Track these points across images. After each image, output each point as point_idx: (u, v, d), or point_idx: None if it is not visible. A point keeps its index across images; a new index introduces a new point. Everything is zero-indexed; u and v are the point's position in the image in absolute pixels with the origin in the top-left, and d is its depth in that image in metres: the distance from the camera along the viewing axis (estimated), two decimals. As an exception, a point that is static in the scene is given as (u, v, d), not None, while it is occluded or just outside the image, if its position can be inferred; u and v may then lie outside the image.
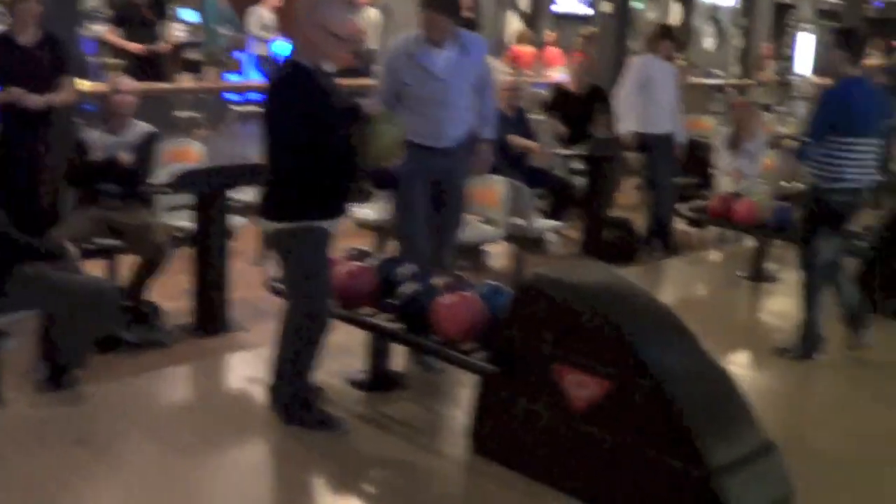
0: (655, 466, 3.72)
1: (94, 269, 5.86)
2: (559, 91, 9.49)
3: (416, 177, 5.49)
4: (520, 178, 8.14)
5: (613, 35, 10.55)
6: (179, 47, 11.84)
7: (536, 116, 9.52)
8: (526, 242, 7.22)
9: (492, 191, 6.90)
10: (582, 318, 3.95)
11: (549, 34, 16.26)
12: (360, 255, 5.22)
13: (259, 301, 5.96)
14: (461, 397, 4.85)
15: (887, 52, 17.78)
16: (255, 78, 12.91)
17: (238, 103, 12.16)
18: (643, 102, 8.37)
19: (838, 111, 5.62)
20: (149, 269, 5.82)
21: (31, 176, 6.46)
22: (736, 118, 9.07)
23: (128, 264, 5.98)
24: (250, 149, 6.80)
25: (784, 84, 17.64)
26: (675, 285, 8.27)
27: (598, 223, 8.45)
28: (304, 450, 4.44)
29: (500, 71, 14.11)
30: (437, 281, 4.80)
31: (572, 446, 4.00)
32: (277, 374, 4.56)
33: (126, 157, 5.84)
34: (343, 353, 5.12)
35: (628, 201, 9.90)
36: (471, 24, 12.68)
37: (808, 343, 5.91)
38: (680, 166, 8.97)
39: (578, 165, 9.03)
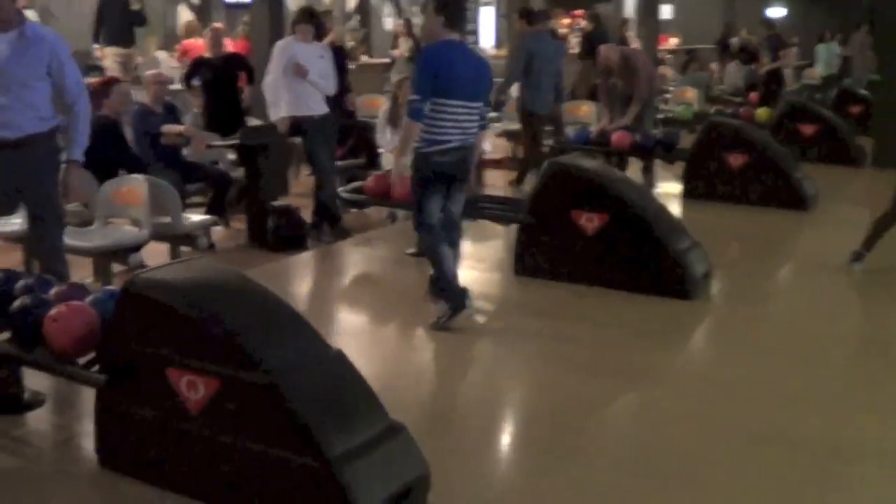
0: (276, 463, 3.55)
1: None
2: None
3: None
4: (174, 174, 7.83)
5: (267, 21, 10.35)
6: None
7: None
8: (177, 240, 6.87)
9: (133, 190, 6.50)
10: (186, 318, 3.73)
11: (217, 25, 15.79)
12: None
13: None
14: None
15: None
16: None
17: None
18: (291, 86, 8.22)
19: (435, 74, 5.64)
20: None
21: None
22: (395, 94, 9.06)
23: None
24: None
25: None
26: (345, 268, 8.19)
27: (260, 212, 8.23)
28: None
29: (169, 67, 13.67)
30: (53, 292, 4.43)
31: (195, 451, 3.78)
32: None
33: None
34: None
35: (305, 188, 9.77)
36: (138, 17, 12.17)
37: (451, 300, 5.92)
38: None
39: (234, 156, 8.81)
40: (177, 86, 13.44)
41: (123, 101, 7.31)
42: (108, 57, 12.07)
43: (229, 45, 14.19)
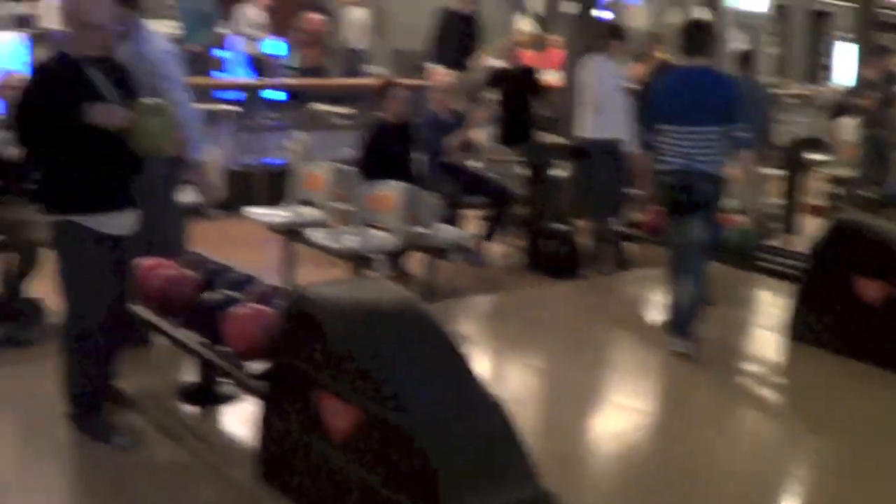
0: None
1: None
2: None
3: None
4: (454, 184, 7.70)
5: (576, 35, 10.00)
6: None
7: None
8: (431, 251, 6.68)
9: (389, 196, 6.38)
10: (340, 340, 3.50)
11: (553, 38, 15.64)
12: (195, 261, 4.82)
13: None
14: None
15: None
16: (244, 76, 12.58)
17: (228, 101, 11.78)
18: (587, 105, 7.83)
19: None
20: (23, 266, 5.66)
21: None
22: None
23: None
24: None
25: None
26: (599, 304, 7.40)
27: (538, 233, 7.92)
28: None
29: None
30: (251, 291, 4.36)
31: (335, 479, 3.56)
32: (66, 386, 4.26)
33: (9, 152, 5.53)
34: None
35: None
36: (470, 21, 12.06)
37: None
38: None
39: (523, 171, 8.53)
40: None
41: (400, 104, 7.22)
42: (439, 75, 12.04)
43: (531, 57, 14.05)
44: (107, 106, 3.96)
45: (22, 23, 12.88)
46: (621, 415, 5.22)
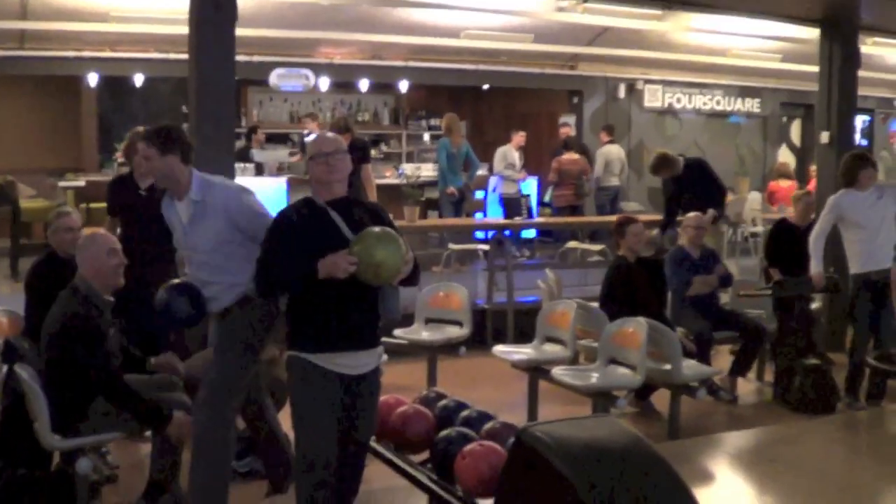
0: None
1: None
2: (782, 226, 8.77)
3: None
4: (704, 321, 7.65)
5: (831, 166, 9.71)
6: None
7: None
8: (676, 388, 6.65)
9: (634, 333, 6.43)
10: (565, 483, 3.53)
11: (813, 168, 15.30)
12: (432, 399, 5.06)
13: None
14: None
15: None
16: (497, 217, 13.00)
17: (482, 241, 12.25)
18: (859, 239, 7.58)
19: None
20: (275, 401, 5.78)
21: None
22: None
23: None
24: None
25: None
26: (878, 441, 7.10)
27: (788, 369, 7.70)
28: None
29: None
30: (485, 428, 4.53)
31: None
32: None
33: None
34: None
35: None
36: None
37: None
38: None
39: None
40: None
41: (637, 241, 7.31)
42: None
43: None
44: (331, 259, 4.00)
45: (280, 168, 14.05)
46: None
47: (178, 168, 4.62)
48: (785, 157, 17.37)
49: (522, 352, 7.12)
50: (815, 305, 8.68)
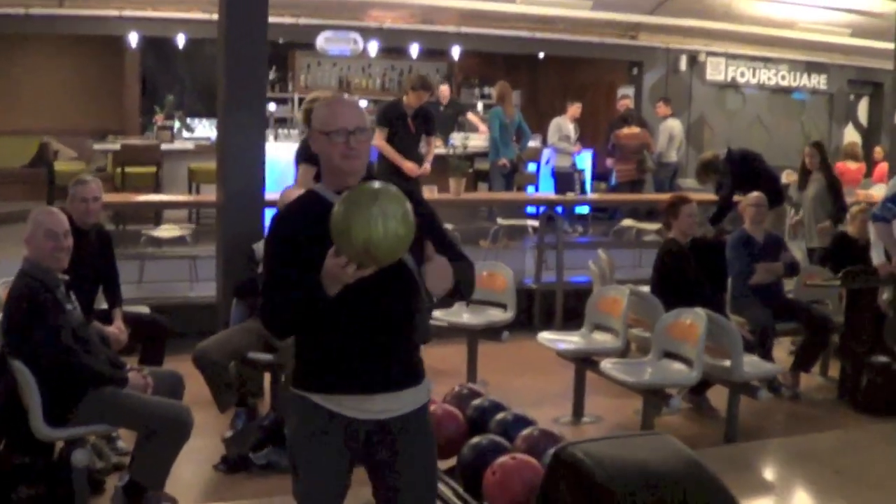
0: None
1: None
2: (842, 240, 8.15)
3: None
4: (764, 310, 7.09)
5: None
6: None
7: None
8: (735, 387, 6.11)
9: (692, 326, 5.90)
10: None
11: (878, 150, 14.59)
12: (466, 396, 4.60)
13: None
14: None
15: None
16: (549, 191, 12.45)
17: (533, 216, 11.73)
18: None
19: None
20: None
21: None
22: None
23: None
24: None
25: None
26: None
27: (855, 366, 7.12)
28: None
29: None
30: (522, 435, 4.06)
31: None
32: None
33: None
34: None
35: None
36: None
37: None
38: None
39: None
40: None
41: (690, 222, 6.75)
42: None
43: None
44: (325, 267, 2.76)
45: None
46: None
47: None
48: (851, 136, 16.63)
49: (569, 340, 6.62)
50: (884, 297, 8.08)
